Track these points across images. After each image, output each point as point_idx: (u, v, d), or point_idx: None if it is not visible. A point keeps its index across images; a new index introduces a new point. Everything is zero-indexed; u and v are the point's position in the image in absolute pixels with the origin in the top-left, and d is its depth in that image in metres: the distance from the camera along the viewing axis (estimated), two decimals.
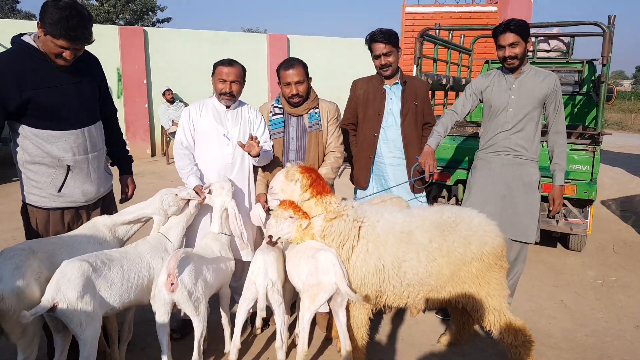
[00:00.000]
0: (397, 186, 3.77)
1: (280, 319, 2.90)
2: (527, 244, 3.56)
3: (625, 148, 14.92)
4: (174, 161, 3.47)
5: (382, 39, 3.58)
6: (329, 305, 2.90)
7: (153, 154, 11.12)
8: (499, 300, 2.89)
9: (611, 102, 6.46)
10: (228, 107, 3.38)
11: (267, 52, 12.09)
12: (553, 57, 6.81)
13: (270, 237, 2.84)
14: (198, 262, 2.78)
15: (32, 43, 2.58)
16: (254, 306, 2.94)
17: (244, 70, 3.39)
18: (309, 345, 2.82)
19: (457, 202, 5.21)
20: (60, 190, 2.76)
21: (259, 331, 3.50)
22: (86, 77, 2.81)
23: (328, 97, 3.64)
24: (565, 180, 4.66)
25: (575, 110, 6.82)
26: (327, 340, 3.45)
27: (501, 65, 3.51)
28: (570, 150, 4.67)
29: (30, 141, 2.67)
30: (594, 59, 6.36)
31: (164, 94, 10.15)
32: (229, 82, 3.27)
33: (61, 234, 2.79)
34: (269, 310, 2.98)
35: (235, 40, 12.15)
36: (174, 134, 9.90)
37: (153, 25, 28.31)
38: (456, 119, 3.63)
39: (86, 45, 2.67)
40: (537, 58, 6.47)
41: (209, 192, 3.16)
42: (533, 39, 6.35)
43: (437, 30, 6.34)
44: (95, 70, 2.92)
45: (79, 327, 2.36)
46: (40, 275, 2.41)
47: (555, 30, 6.47)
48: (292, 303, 3.49)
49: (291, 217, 2.84)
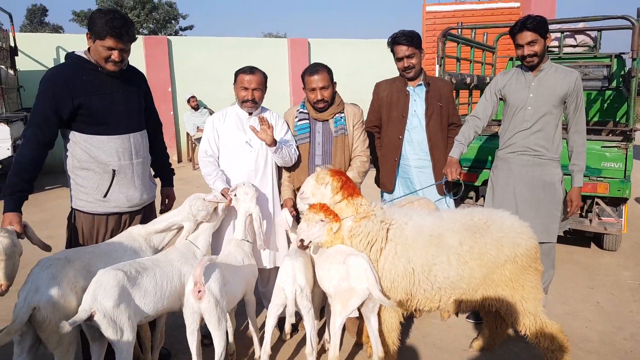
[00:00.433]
0: (424, 189, 3.72)
1: (310, 325, 2.89)
2: (554, 248, 3.48)
3: None
4: (200, 168, 3.51)
5: (404, 41, 3.56)
6: (359, 311, 2.88)
7: (179, 160, 11.27)
8: (534, 303, 2.82)
9: None
10: (250, 114, 3.40)
11: (288, 56, 12.14)
12: (580, 52, 6.65)
13: (302, 241, 2.83)
14: (223, 269, 2.77)
15: (83, 56, 2.80)
16: (283, 312, 2.94)
17: (265, 76, 3.41)
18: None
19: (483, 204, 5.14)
20: (105, 195, 2.87)
21: (288, 336, 3.51)
22: (133, 87, 2.98)
23: (350, 100, 3.63)
24: (598, 179, 4.59)
25: (605, 105, 6.66)
26: (357, 346, 3.43)
27: (520, 64, 3.44)
28: (601, 147, 4.56)
29: (79, 147, 2.82)
30: (623, 53, 6.21)
31: (188, 101, 10.29)
32: (251, 90, 3.30)
33: (98, 244, 2.85)
34: (298, 316, 2.98)
35: (256, 45, 12.24)
36: (199, 139, 10.02)
37: (176, 33, 28.75)
38: (480, 124, 3.56)
39: (130, 44, 2.82)
40: (564, 54, 6.34)
41: (234, 195, 3.18)
42: (559, 34, 6.24)
43: (460, 29, 6.26)
44: (141, 83, 3.08)
45: (115, 335, 2.39)
46: (76, 285, 2.45)
47: (581, 25, 6.34)
48: (321, 308, 3.48)
49: (322, 220, 2.83)
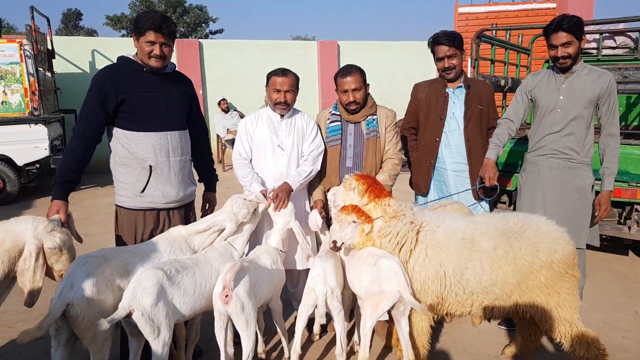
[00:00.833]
0: (459, 193, 3.67)
1: (340, 326, 2.89)
2: (584, 254, 3.36)
3: None
4: (235, 171, 3.54)
5: (445, 40, 3.50)
6: (388, 314, 2.86)
7: None
8: (570, 310, 2.75)
9: None
10: (282, 116, 3.41)
11: (318, 59, 12.17)
12: (620, 54, 6.46)
13: (335, 242, 2.83)
14: (253, 275, 2.76)
15: (132, 58, 2.98)
16: (313, 312, 2.94)
17: (298, 78, 3.42)
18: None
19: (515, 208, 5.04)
20: (143, 190, 2.97)
21: (317, 337, 3.51)
22: (177, 90, 3.09)
23: (379, 102, 3.61)
24: (638, 185, 4.44)
25: None
26: (387, 349, 3.41)
27: (552, 65, 3.37)
28: None
29: (120, 143, 2.94)
30: None
31: (219, 104, 10.42)
32: (283, 92, 3.31)
33: (138, 244, 2.91)
34: (327, 317, 2.97)
35: (286, 48, 12.33)
36: (229, 141, 10.17)
37: (206, 36, 29.17)
38: (514, 127, 3.49)
39: (171, 40, 2.95)
40: (603, 55, 6.16)
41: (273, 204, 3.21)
42: (597, 36, 6.07)
43: (494, 31, 6.17)
44: (187, 89, 3.19)
45: (152, 333, 2.43)
46: (112, 283, 2.48)
47: (621, 26, 6.16)
48: (351, 310, 3.46)
49: (354, 221, 2.83)
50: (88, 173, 8.85)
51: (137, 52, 2.95)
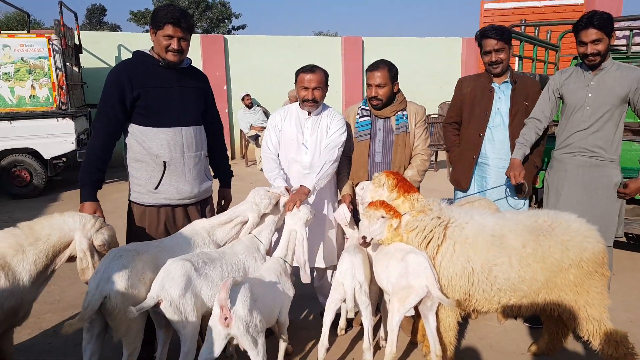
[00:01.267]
0: (493, 189, 3.65)
1: (368, 320, 2.91)
2: (611, 252, 3.34)
3: None
4: (262, 164, 3.58)
5: (494, 34, 3.46)
6: (415, 309, 2.87)
7: (232, 157, 11.53)
8: (599, 309, 2.73)
9: None
10: (309, 113, 3.41)
11: (342, 55, 12.16)
12: None
13: (364, 237, 2.84)
14: (253, 290, 2.53)
15: (148, 52, 2.96)
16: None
17: (326, 75, 3.39)
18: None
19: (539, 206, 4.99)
20: (157, 187, 2.96)
21: (342, 332, 3.52)
22: (192, 85, 3.08)
23: None
24: None
25: None
26: (412, 344, 3.42)
27: (581, 62, 3.33)
28: None
29: (135, 138, 2.95)
30: None
31: (242, 99, 10.49)
32: (311, 89, 3.29)
33: (162, 238, 2.93)
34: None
35: (310, 44, 12.35)
36: (253, 137, 10.24)
37: (229, 32, 29.33)
38: (541, 126, 3.46)
39: (189, 35, 2.95)
40: (632, 52, 6.05)
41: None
42: (627, 32, 5.96)
43: (523, 27, 6.10)
44: (202, 85, 3.18)
45: (180, 323, 2.47)
46: (144, 277, 2.53)
47: None
48: (377, 305, 3.48)
49: (383, 217, 2.84)
50: (111, 167, 8.96)
51: (153, 46, 2.93)
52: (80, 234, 2.58)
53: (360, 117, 3.47)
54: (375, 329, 3.41)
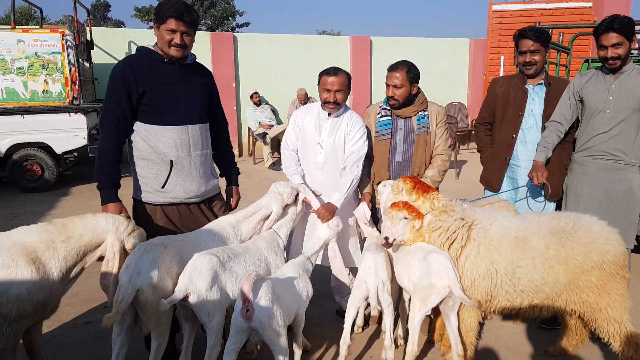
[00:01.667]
0: (520, 189, 3.69)
1: (390, 319, 2.94)
2: (630, 254, 3.36)
3: None
4: (282, 159, 3.63)
5: (531, 35, 3.46)
6: (433, 309, 2.90)
7: (240, 154, 11.54)
8: (620, 311, 2.78)
9: None
10: (330, 114, 3.42)
11: (350, 54, 12.17)
12: None
13: (387, 238, 2.87)
14: (275, 285, 2.59)
15: (152, 48, 2.92)
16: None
17: (349, 77, 3.40)
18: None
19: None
20: (164, 186, 2.94)
21: (360, 330, 3.57)
22: (197, 82, 3.04)
23: None
24: None
25: None
26: (429, 343, 3.45)
27: (601, 65, 3.35)
28: None
29: (141, 137, 2.90)
30: None
31: (251, 97, 10.50)
32: (333, 92, 3.30)
33: (187, 233, 2.95)
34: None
35: (318, 43, 12.37)
36: (260, 135, 10.26)
37: (232, 29, 29.32)
38: (562, 128, 3.48)
39: (193, 30, 2.88)
40: (636, 56, 6.07)
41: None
42: (638, 37, 5.98)
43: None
44: (207, 81, 3.13)
45: (207, 316, 2.51)
46: (171, 270, 2.57)
47: None
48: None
49: (405, 217, 2.88)
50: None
51: (157, 41, 2.89)
52: (113, 236, 2.60)
53: (381, 117, 3.50)
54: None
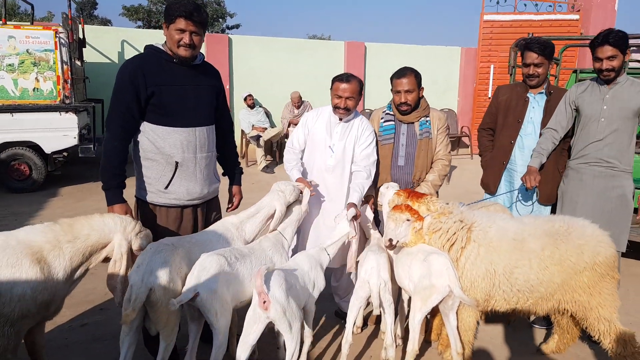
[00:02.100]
0: (509, 193, 3.80)
1: (391, 318, 3.00)
2: (620, 257, 3.50)
3: None
4: (284, 155, 3.70)
5: (536, 48, 3.57)
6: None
7: None
8: (610, 310, 2.90)
9: None
10: (341, 119, 3.49)
11: (345, 59, 12.27)
12: None
13: (391, 240, 2.94)
14: (286, 276, 2.67)
15: (161, 47, 2.91)
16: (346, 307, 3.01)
17: (361, 84, 3.44)
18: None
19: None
20: (167, 187, 2.94)
21: (359, 330, 3.63)
22: (206, 82, 3.04)
23: None
24: None
25: None
26: (426, 343, 3.53)
27: (596, 76, 3.49)
28: None
29: (147, 137, 2.90)
30: None
31: (245, 100, 10.52)
32: (344, 98, 3.35)
33: (193, 234, 2.97)
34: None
35: (313, 47, 12.46)
36: (254, 137, 10.30)
37: (222, 31, 29.26)
38: (557, 136, 3.60)
39: (202, 29, 2.85)
40: (628, 69, 6.25)
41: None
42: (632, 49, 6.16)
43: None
44: (215, 82, 3.14)
45: (214, 316, 2.52)
46: (181, 270, 2.60)
47: None
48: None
49: (408, 219, 2.96)
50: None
51: (166, 40, 2.88)
52: (121, 236, 2.60)
53: (385, 122, 3.59)
54: None
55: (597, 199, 3.48)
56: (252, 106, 10.53)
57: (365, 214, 3.40)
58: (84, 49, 9.77)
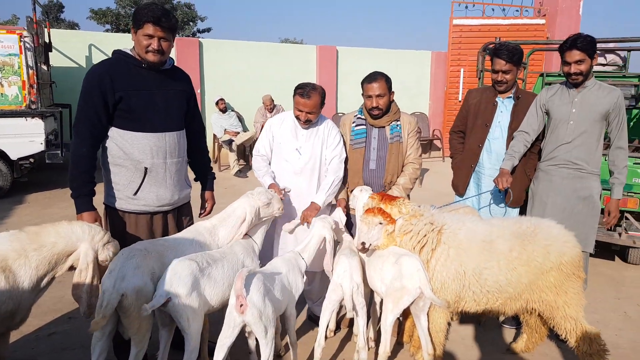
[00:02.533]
0: (485, 195, 3.87)
1: (363, 321, 3.02)
2: (588, 258, 3.64)
3: None
4: (252, 163, 3.70)
5: (504, 56, 3.61)
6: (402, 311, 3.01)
7: None
8: (576, 309, 2.97)
9: None
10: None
11: (317, 63, 12.31)
12: (609, 71, 6.78)
13: (363, 244, 2.96)
14: (265, 280, 2.68)
15: (129, 52, 2.86)
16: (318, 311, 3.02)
17: (323, 97, 3.45)
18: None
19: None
20: (136, 193, 2.90)
21: (332, 333, 3.64)
22: (176, 87, 3.01)
23: None
24: (628, 194, 4.72)
25: (632, 124, 6.77)
26: (399, 345, 3.56)
27: (565, 80, 3.56)
28: (633, 164, 4.70)
29: (115, 142, 2.85)
30: None
31: (217, 104, 10.44)
32: (305, 112, 3.39)
33: (166, 237, 2.94)
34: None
35: (285, 51, 12.46)
36: (226, 142, 10.23)
37: (194, 35, 29.01)
38: (529, 138, 3.66)
39: (171, 34, 2.82)
40: (594, 72, 6.44)
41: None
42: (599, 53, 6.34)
43: (497, 44, 6.42)
44: (185, 86, 3.10)
45: (186, 321, 2.51)
46: (154, 275, 2.56)
47: (611, 45, 6.46)
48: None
49: (381, 222, 2.98)
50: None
51: (134, 46, 2.84)
52: (88, 245, 2.54)
53: (356, 126, 3.62)
54: None
55: (566, 200, 3.55)
56: (224, 110, 10.46)
57: (338, 217, 3.42)
58: (50, 53, 9.57)
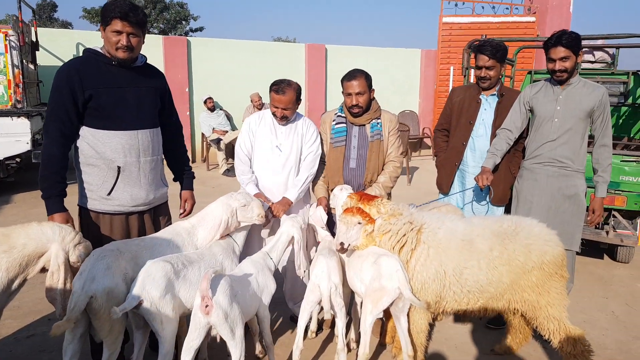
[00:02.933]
0: (463, 191, 3.83)
1: (342, 322, 2.97)
2: (574, 257, 3.60)
3: None
4: (235, 167, 3.63)
5: (488, 52, 3.58)
6: (384, 312, 2.96)
7: (193, 160, 11.34)
8: (559, 309, 2.92)
9: None
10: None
11: (306, 61, 12.25)
12: (598, 68, 6.76)
13: (342, 244, 2.90)
14: (233, 282, 2.64)
15: (99, 50, 2.81)
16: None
17: (298, 94, 3.44)
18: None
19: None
20: (110, 193, 2.84)
21: (313, 335, 3.59)
22: (148, 84, 2.95)
23: None
24: (616, 192, 4.69)
25: (621, 121, 6.76)
26: (381, 346, 3.51)
27: (550, 77, 3.53)
28: (620, 161, 4.67)
29: (87, 142, 2.79)
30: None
31: (205, 102, 10.38)
32: (280, 109, 3.39)
33: (143, 237, 2.89)
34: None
35: (274, 49, 12.37)
36: (215, 141, 10.16)
37: (186, 34, 28.91)
38: (512, 136, 3.63)
39: (140, 30, 2.77)
40: (582, 69, 6.43)
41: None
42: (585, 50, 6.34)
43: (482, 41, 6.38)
44: (158, 83, 3.04)
45: (160, 324, 2.47)
46: (127, 276, 2.52)
47: (600, 42, 6.44)
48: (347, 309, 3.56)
49: (359, 222, 2.93)
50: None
51: (104, 43, 2.78)
52: (58, 246, 2.48)
53: (336, 124, 3.57)
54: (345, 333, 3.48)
55: (551, 199, 3.51)
56: (212, 109, 10.40)
57: (319, 216, 3.36)
58: (37, 52, 9.49)
